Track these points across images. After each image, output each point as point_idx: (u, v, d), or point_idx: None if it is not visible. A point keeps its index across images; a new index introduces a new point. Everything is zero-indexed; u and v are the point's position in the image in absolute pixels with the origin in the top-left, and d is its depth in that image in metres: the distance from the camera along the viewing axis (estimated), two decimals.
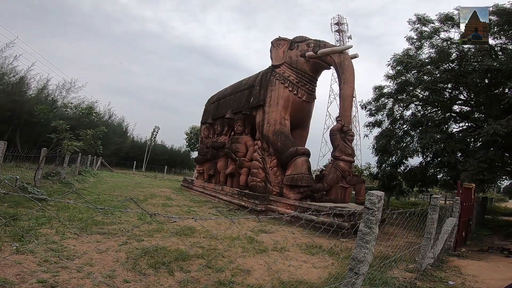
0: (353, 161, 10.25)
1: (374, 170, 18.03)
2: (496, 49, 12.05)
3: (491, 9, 11.20)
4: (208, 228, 6.45)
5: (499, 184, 16.98)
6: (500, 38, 11.88)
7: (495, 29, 11.45)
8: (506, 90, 10.22)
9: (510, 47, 11.54)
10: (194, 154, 37.99)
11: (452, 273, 5.38)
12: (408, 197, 20.50)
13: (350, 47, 11.01)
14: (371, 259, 2.77)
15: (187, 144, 44.22)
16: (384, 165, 15.11)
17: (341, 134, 9.95)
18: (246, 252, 5.19)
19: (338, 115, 10.85)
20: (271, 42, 12.25)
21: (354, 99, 41.80)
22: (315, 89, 11.87)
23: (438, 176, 13.36)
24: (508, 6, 10.95)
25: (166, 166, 31.95)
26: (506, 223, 14.63)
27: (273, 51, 12.06)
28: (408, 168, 14.39)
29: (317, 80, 11.94)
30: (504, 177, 12.56)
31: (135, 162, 31.37)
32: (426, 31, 13.73)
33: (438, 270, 5.43)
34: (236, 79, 15.45)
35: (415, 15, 13.99)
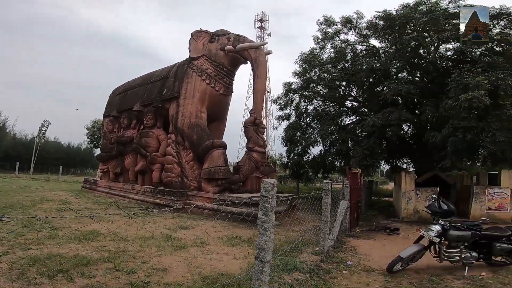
0: (265, 152, 10.94)
1: (285, 159, 19.66)
2: (380, 51, 14.30)
3: (380, 14, 13.14)
4: (116, 231, 5.85)
5: (381, 168, 20.59)
6: (385, 42, 13.96)
7: (382, 33, 13.40)
8: (384, 88, 12.13)
9: (392, 50, 13.32)
10: (98, 151, 33.58)
11: (349, 253, 5.82)
12: (314, 183, 23.11)
13: (265, 43, 11.68)
14: (272, 245, 2.81)
15: (89, 140, 38.74)
16: (292, 155, 16.65)
17: (254, 127, 10.47)
18: (162, 251, 4.94)
19: (251, 108, 11.35)
20: (191, 34, 11.88)
21: (270, 94, 44.54)
22: (232, 83, 12.06)
23: (336, 163, 15.57)
24: (393, 12, 12.84)
25: (61, 167, 27.27)
26: (388, 203, 16.89)
27: (192, 43, 11.72)
28: (311, 157, 16.23)
29: (235, 74, 12.14)
30: (382, 161, 15.57)
31: (18, 163, 25.77)
32: (329, 32, 15.17)
33: (339, 251, 5.82)
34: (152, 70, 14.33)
35: (323, 16, 15.36)
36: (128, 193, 12.08)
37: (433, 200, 5.51)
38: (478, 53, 11.39)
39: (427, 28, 11.93)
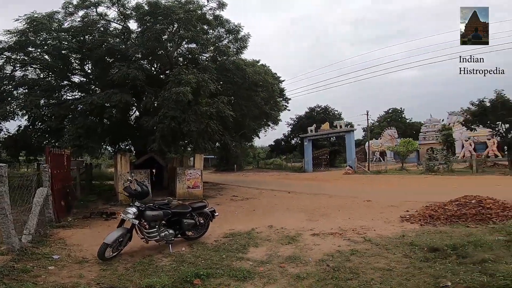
0: None
1: None
2: (133, 35, 13.66)
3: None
4: None
5: (108, 149, 19.67)
6: (141, 27, 13.31)
7: (142, 17, 12.87)
8: (116, 70, 11.65)
9: (145, 36, 12.75)
10: None
11: (57, 247, 5.21)
12: (18, 168, 17.73)
13: None
14: None
15: None
16: None
17: None
18: None
19: None
20: None
21: None
22: None
23: (45, 142, 12.79)
24: (163, 1, 12.64)
25: None
26: (110, 187, 16.54)
27: None
28: (6, 135, 12.29)
29: None
30: (104, 143, 14.94)
31: None
32: (89, 0, 12.83)
33: (42, 246, 5.06)
34: None
35: None
36: None
37: (129, 182, 5.83)
38: (203, 57, 13.64)
39: (180, 24, 12.65)
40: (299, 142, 40.48)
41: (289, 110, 31.63)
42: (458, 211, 6.50)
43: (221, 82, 13.30)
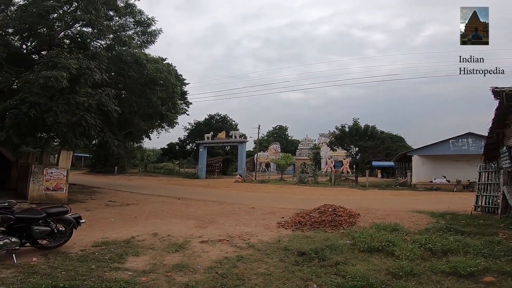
0: None
1: None
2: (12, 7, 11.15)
3: None
4: None
5: None
6: None
7: None
8: None
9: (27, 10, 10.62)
10: None
11: None
12: None
13: None
14: None
15: None
16: None
17: None
18: None
19: None
20: None
21: None
22: None
23: None
24: None
25: None
26: None
27: None
28: None
29: None
30: None
31: None
32: None
33: None
34: None
35: None
36: None
37: None
38: (97, 44, 11.93)
39: (78, 4, 11.04)
40: (195, 148, 40.04)
41: (188, 114, 31.02)
42: (319, 218, 7.78)
43: (112, 73, 11.84)
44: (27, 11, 10.55)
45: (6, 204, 4.53)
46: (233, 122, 46.41)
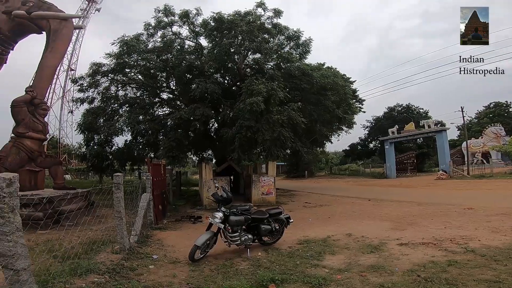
0: (46, 139, 8.91)
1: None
2: (204, 51, 14.84)
3: (214, 15, 13.55)
4: None
5: (192, 158, 21.78)
6: (211, 42, 14.43)
7: (210, 33, 13.96)
8: (194, 85, 12.63)
9: (214, 51, 13.62)
10: None
11: (156, 247, 5.66)
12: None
13: (79, 16, 9.80)
14: (25, 250, 2.49)
15: None
16: (91, 144, 14.60)
17: (30, 107, 8.21)
18: None
19: (29, 85, 9.07)
20: None
21: (72, 72, 37.11)
22: (6, 53, 9.66)
23: (145, 154, 15.12)
24: (226, 16, 13.62)
25: None
26: (195, 192, 17.83)
27: None
28: (116, 148, 14.93)
29: (15, 43, 9.90)
30: (190, 153, 16.73)
31: None
32: (164, 21, 14.48)
33: (144, 246, 5.55)
34: None
35: (164, 5, 14.47)
36: None
37: (216, 188, 6.14)
38: (268, 66, 14.02)
39: (243, 36, 13.31)
40: (379, 145, 37.30)
41: (364, 112, 29.61)
42: None
43: (287, 89, 13.35)
44: (215, 51, 12.99)
45: (247, 207, 5.49)
46: (421, 110, 38.81)
